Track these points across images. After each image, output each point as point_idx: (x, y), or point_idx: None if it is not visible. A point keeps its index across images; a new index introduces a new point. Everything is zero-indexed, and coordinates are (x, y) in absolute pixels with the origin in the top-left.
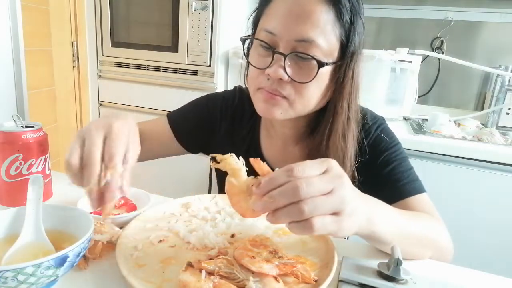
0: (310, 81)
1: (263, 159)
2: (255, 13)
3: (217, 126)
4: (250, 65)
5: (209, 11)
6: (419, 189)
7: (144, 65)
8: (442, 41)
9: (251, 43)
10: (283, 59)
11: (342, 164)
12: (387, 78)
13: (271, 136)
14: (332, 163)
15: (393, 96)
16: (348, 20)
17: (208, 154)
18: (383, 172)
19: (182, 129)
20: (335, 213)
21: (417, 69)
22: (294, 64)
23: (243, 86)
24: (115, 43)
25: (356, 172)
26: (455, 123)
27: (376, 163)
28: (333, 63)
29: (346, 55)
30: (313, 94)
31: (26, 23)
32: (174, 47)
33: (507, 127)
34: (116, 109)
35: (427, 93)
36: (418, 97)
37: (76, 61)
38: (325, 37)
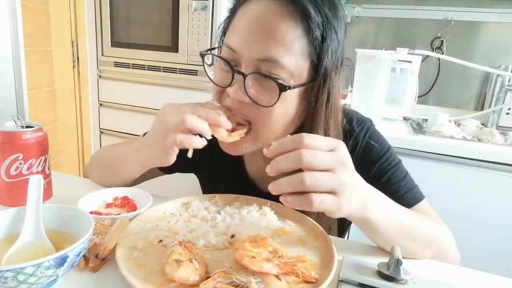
0: (272, 105)
1: (247, 176)
2: (223, 25)
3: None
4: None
5: (209, 11)
6: (418, 198)
7: (144, 65)
8: (442, 41)
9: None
10: (243, 79)
11: None
12: (387, 78)
13: (253, 153)
14: (341, 145)
15: (393, 96)
16: (319, 37)
17: (189, 171)
18: (378, 184)
19: None
20: (333, 193)
21: (417, 69)
22: (257, 85)
23: None
24: (115, 43)
25: None
26: (455, 123)
27: (369, 175)
28: (301, 85)
29: (318, 76)
30: (279, 119)
31: (26, 23)
32: (174, 47)
33: (507, 127)
34: (116, 109)
35: (427, 93)
36: (418, 97)
37: (76, 61)
38: (291, 57)
